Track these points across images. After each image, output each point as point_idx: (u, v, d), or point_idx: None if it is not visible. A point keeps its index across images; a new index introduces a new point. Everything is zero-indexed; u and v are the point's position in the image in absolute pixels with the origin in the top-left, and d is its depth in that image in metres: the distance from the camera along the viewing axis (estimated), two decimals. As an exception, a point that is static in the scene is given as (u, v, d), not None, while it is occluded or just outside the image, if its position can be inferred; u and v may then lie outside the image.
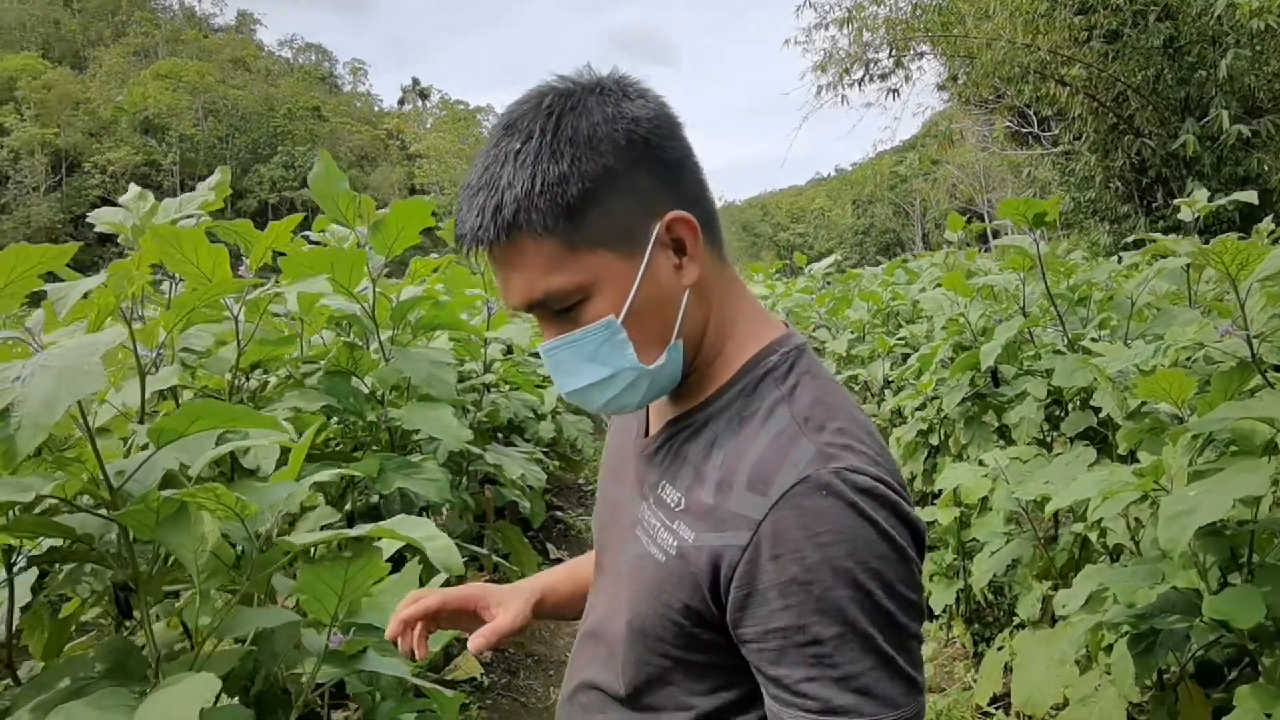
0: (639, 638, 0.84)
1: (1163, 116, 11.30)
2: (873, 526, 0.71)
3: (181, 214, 2.26)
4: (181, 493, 1.09)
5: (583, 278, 0.77)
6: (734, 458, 0.78)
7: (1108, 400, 2.16)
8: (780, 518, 0.72)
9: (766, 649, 0.73)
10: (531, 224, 0.74)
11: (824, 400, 0.80)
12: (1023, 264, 2.68)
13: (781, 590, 0.71)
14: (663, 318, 0.81)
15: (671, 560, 0.80)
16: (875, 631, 0.70)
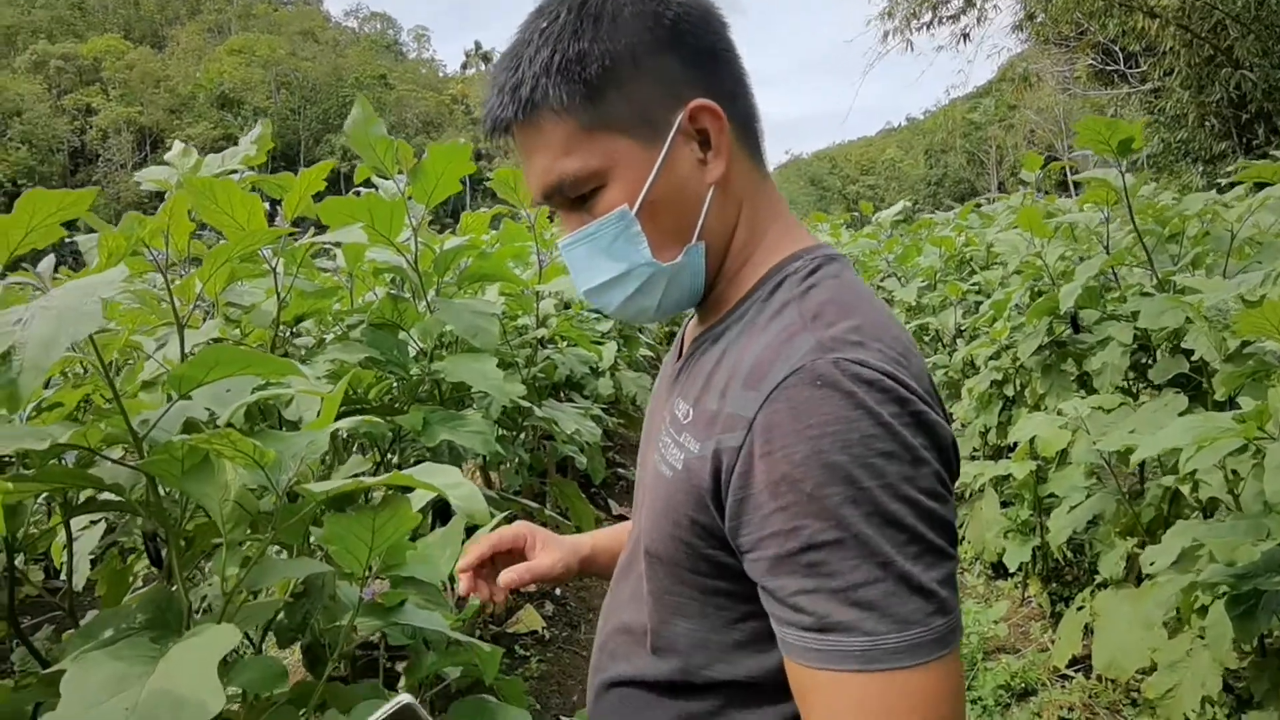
0: (657, 564, 0.78)
1: (1266, 45, 10.51)
2: (872, 418, 0.62)
3: (224, 169, 2.24)
4: (195, 438, 1.05)
5: (599, 162, 0.74)
6: (736, 360, 0.72)
7: (1202, 342, 1.97)
8: (771, 412, 0.65)
9: (762, 558, 0.65)
10: (549, 101, 0.72)
11: (842, 300, 0.72)
12: (1106, 198, 2.47)
13: (772, 490, 0.64)
14: (682, 214, 0.76)
15: (678, 475, 0.74)
16: (879, 536, 0.61)
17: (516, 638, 3.24)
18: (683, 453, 0.74)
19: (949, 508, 0.65)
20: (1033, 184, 3.67)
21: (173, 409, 1.20)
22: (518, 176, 2.90)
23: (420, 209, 2.19)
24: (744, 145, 0.79)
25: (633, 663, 0.83)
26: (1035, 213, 2.74)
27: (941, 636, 0.61)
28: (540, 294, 3.08)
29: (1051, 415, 2.56)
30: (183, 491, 1.18)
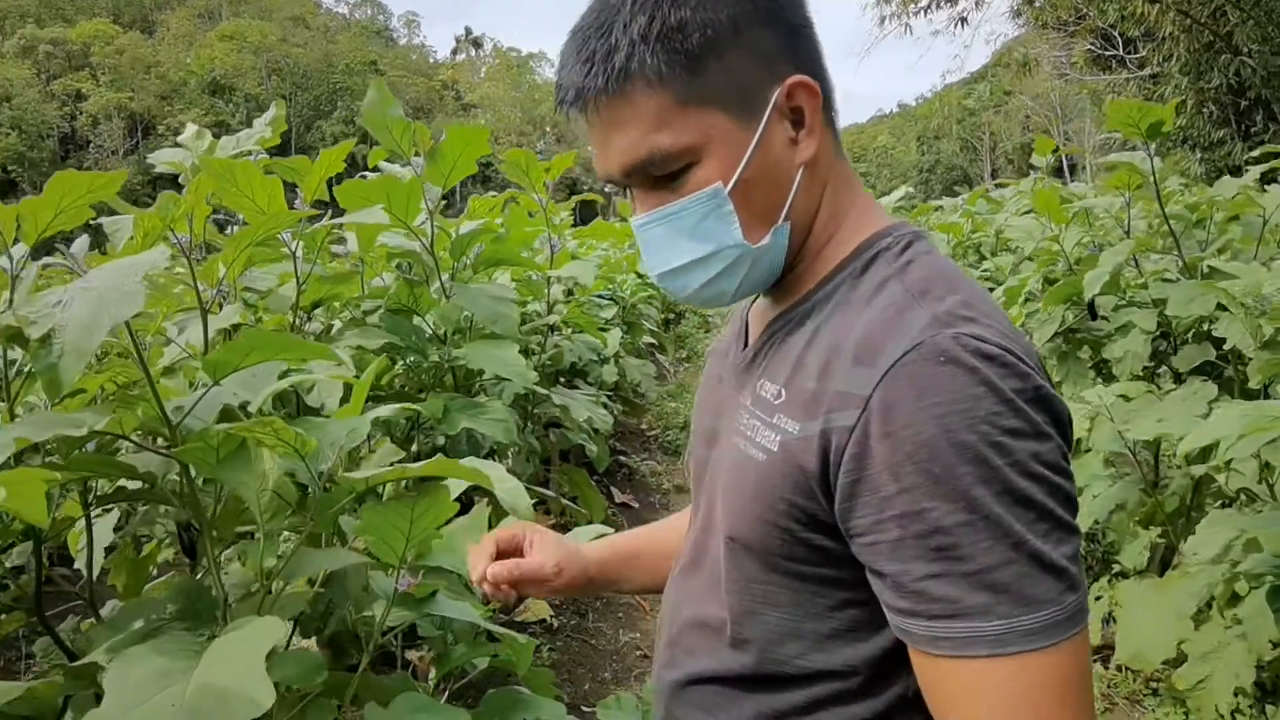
0: (742, 553, 0.75)
1: (1265, 31, 10.49)
2: (996, 394, 0.60)
3: (240, 151, 2.20)
4: (237, 426, 1.01)
5: (693, 138, 0.70)
6: (837, 337, 0.69)
7: (1234, 329, 1.95)
8: (890, 389, 0.62)
9: (882, 542, 0.62)
10: (645, 72, 0.68)
11: (945, 274, 0.70)
12: (1129, 182, 2.45)
13: (894, 471, 0.61)
14: (773, 194, 0.73)
15: (774, 457, 0.71)
16: (1009, 516, 0.58)
17: (525, 627, 3.22)
18: (778, 434, 0.71)
19: (1071, 482, 0.63)
20: (1044, 169, 3.64)
21: (206, 395, 1.16)
22: (528, 159, 2.86)
23: (436, 192, 2.15)
24: (829, 124, 0.76)
25: (714, 657, 0.79)
26: (1052, 197, 2.72)
27: (1072, 615, 0.59)
28: (551, 279, 3.04)
29: (1071, 403, 2.54)
30: (218, 480, 1.15)
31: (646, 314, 5.20)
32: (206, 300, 1.68)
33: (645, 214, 0.74)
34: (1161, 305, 2.26)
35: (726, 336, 0.95)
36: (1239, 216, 2.33)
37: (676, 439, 5.70)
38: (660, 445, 5.71)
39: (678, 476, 5.08)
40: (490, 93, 77.51)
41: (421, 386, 2.38)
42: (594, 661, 3.07)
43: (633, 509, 4.55)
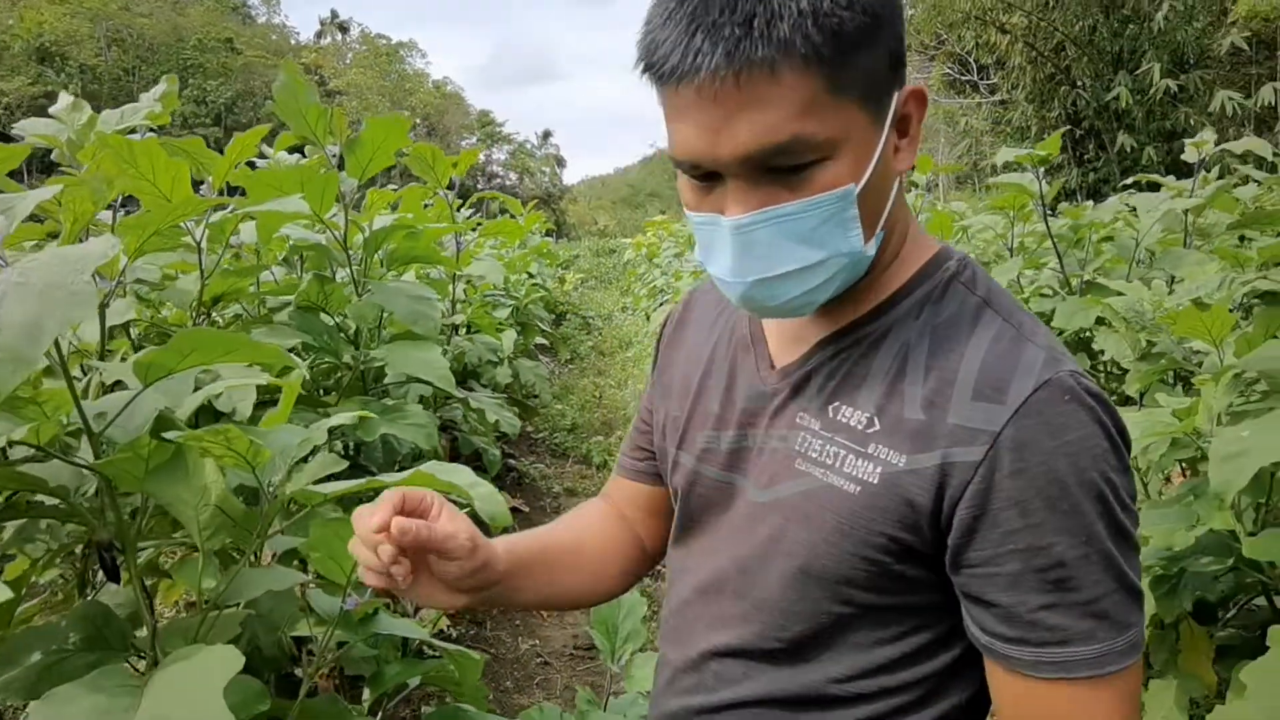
0: (814, 584, 0.72)
1: (1097, 69, 11.50)
2: (1106, 433, 0.65)
3: (124, 126, 2.02)
4: (186, 435, 0.93)
5: (835, 131, 0.63)
6: (943, 366, 0.69)
7: (1113, 342, 2.12)
8: (1023, 426, 0.64)
9: (1000, 574, 0.65)
10: (803, 49, 0.60)
11: (1020, 309, 0.73)
12: (1015, 202, 2.62)
13: (1023, 508, 0.63)
14: (881, 200, 0.69)
15: (871, 489, 0.69)
16: (1116, 549, 0.64)
17: (421, 635, 3.12)
18: (875, 465, 0.69)
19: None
20: (922, 188, 3.84)
21: (130, 400, 1.06)
22: (435, 153, 2.77)
23: (352, 183, 2.05)
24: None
25: (762, 682, 0.77)
26: (946, 217, 2.88)
27: (1142, 632, 0.65)
28: (456, 277, 2.96)
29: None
30: (146, 494, 1.05)
31: (538, 314, 5.15)
32: (105, 294, 1.54)
33: (751, 212, 0.66)
34: (1047, 318, 2.43)
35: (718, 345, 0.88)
36: (1112, 238, 2.54)
37: (565, 441, 5.67)
38: (548, 448, 5.66)
39: (567, 480, 5.06)
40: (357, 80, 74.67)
41: (325, 388, 2.26)
42: (494, 671, 3.00)
43: (523, 513, 4.49)
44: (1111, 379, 2.44)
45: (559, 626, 3.35)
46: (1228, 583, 1.77)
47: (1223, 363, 1.60)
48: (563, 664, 3.11)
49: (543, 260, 6.49)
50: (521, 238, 5.33)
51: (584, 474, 5.20)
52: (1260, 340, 1.52)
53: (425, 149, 2.69)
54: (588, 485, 4.99)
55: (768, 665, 0.77)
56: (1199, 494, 1.59)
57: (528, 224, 6.46)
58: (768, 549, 0.76)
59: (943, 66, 14.61)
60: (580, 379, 7.72)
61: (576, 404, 6.46)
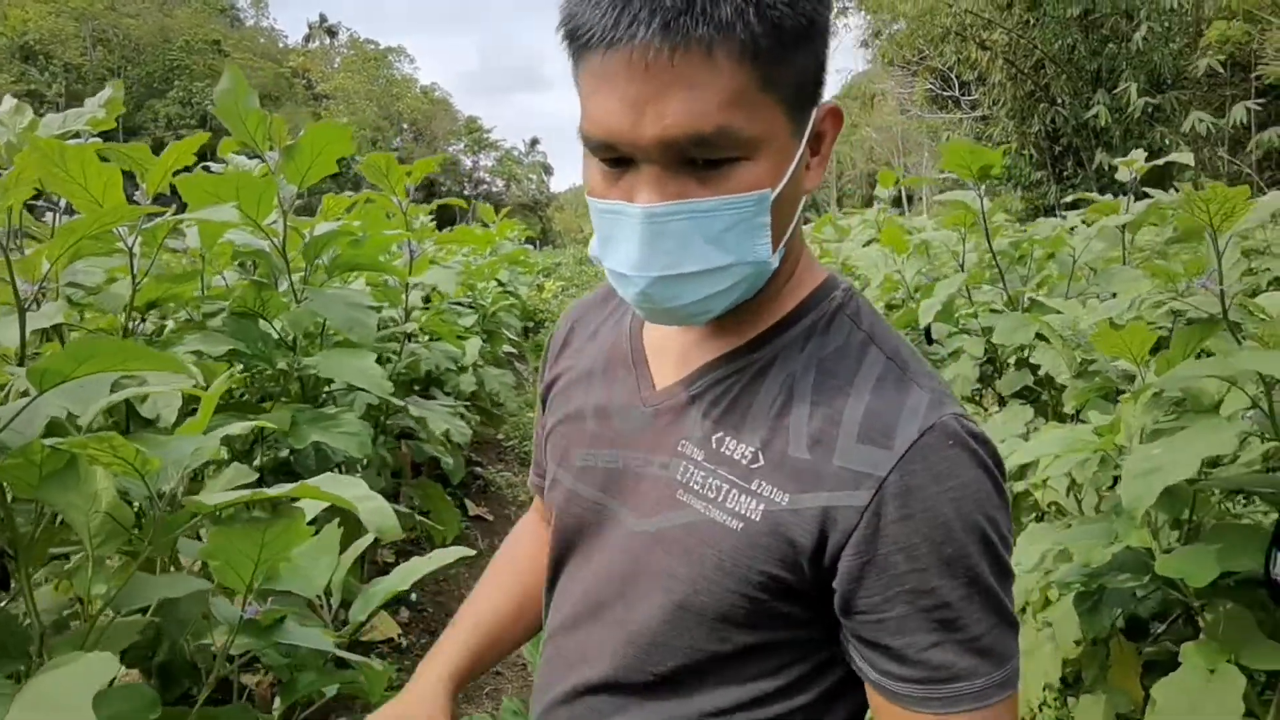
0: (693, 620, 0.71)
1: (1076, 87, 11.63)
2: (989, 475, 0.66)
3: (66, 130, 2.02)
4: (70, 442, 0.93)
5: (759, 130, 0.61)
6: (832, 405, 0.68)
7: (1050, 358, 2.14)
8: (909, 472, 0.64)
9: (889, 618, 0.65)
10: (744, 33, 0.57)
11: (903, 344, 0.73)
12: (964, 220, 2.64)
13: (909, 553, 0.64)
14: (789, 214, 0.67)
15: (754, 527, 0.68)
16: (998, 587, 0.65)
17: (372, 646, 3.10)
18: (759, 502, 0.68)
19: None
20: (886, 201, 3.88)
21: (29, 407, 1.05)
22: (389, 161, 2.77)
23: (291, 190, 2.05)
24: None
25: (634, 715, 0.76)
26: (898, 231, 2.90)
27: (1019, 662, 0.67)
28: (409, 285, 2.96)
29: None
30: (40, 501, 1.05)
31: (507, 322, 5.14)
32: (25, 297, 1.53)
33: (665, 202, 0.62)
34: (989, 333, 2.45)
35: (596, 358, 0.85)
36: (1055, 255, 2.57)
37: (532, 449, 5.66)
38: (517, 456, 5.65)
39: (533, 487, 5.04)
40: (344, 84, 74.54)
41: (265, 395, 2.25)
42: (444, 679, 2.98)
43: (488, 522, 4.48)
44: (1055, 396, 2.46)
45: (512, 636, 3.33)
46: (1157, 599, 1.80)
47: (1144, 381, 1.62)
48: (515, 673, 3.09)
49: (516, 268, 6.49)
50: (488, 246, 5.32)
51: (550, 483, 5.18)
52: (1179, 359, 1.54)
53: (378, 157, 2.69)
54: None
55: (642, 699, 0.75)
56: (1119, 511, 1.60)
57: (500, 231, 6.47)
58: (645, 582, 0.74)
59: (925, 82, 14.75)
60: (554, 387, 7.71)
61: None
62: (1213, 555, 1.40)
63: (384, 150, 2.94)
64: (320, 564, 1.58)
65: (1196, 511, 1.69)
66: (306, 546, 1.59)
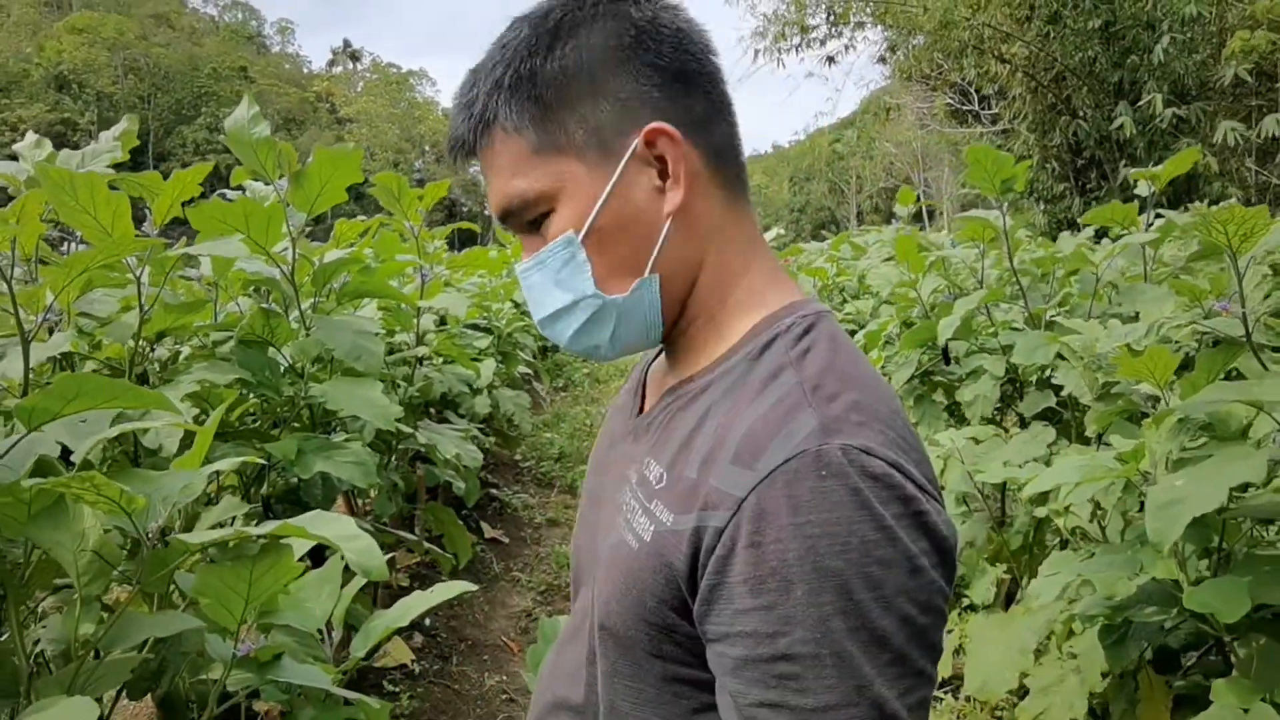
0: (611, 642, 0.71)
1: (1098, 99, 11.51)
2: (874, 521, 0.56)
3: (83, 168, 2.03)
4: (52, 482, 0.91)
5: (546, 185, 0.70)
6: (725, 426, 0.65)
7: (1072, 379, 2.09)
8: (765, 497, 0.58)
9: (727, 655, 0.60)
10: (499, 121, 0.70)
11: (841, 368, 0.66)
12: (983, 235, 2.60)
13: (753, 587, 0.57)
14: (634, 243, 0.71)
15: (645, 547, 0.67)
16: (861, 656, 0.55)
17: (384, 672, 3.07)
18: (653, 523, 0.67)
19: (940, 622, 0.60)
20: (906, 218, 3.84)
21: (19, 443, 1.04)
22: (400, 184, 2.77)
23: (300, 217, 2.04)
24: (715, 177, 0.73)
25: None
26: (912, 245, 2.86)
27: None
28: (421, 309, 2.95)
29: (926, 444, 2.66)
30: (28, 539, 1.03)
31: (523, 343, 5.14)
32: (30, 327, 1.53)
33: (524, 260, 0.74)
34: (1010, 353, 2.40)
35: (625, 393, 0.92)
36: (1077, 271, 2.51)
37: (550, 470, 5.64)
38: (534, 477, 5.63)
39: (551, 510, 5.02)
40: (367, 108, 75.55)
41: (276, 421, 2.24)
42: (458, 708, 2.95)
43: (503, 544, 4.45)
44: (1078, 418, 2.40)
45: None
46: (1188, 629, 1.73)
47: (1169, 405, 1.56)
48: (528, 700, 3.05)
49: (533, 289, 6.48)
50: (503, 268, 5.33)
51: (568, 504, 5.16)
52: (1204, 383, 1.48)
53: (390, 179, 2.69)
54: (571, 515, 4.95)
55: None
56: (1144, 541, 1.55)
57: (516, 252, 6.47)
58: (588, 601, 0.76)
59: (945, 96, 14.67)
60: (573, 406, 7.70)
61: (567, 431, 6.43)
62: (1244, 588, 1.34)
63: (405, 173, 2.94)
64: (322, 596, 1.56)
65: (1226, 539, 1.62)
66: (310, 578, 1.57)
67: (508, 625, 3.66)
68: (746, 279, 0.75)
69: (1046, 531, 2.54)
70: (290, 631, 1.39)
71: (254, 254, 1.96)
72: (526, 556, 4.39)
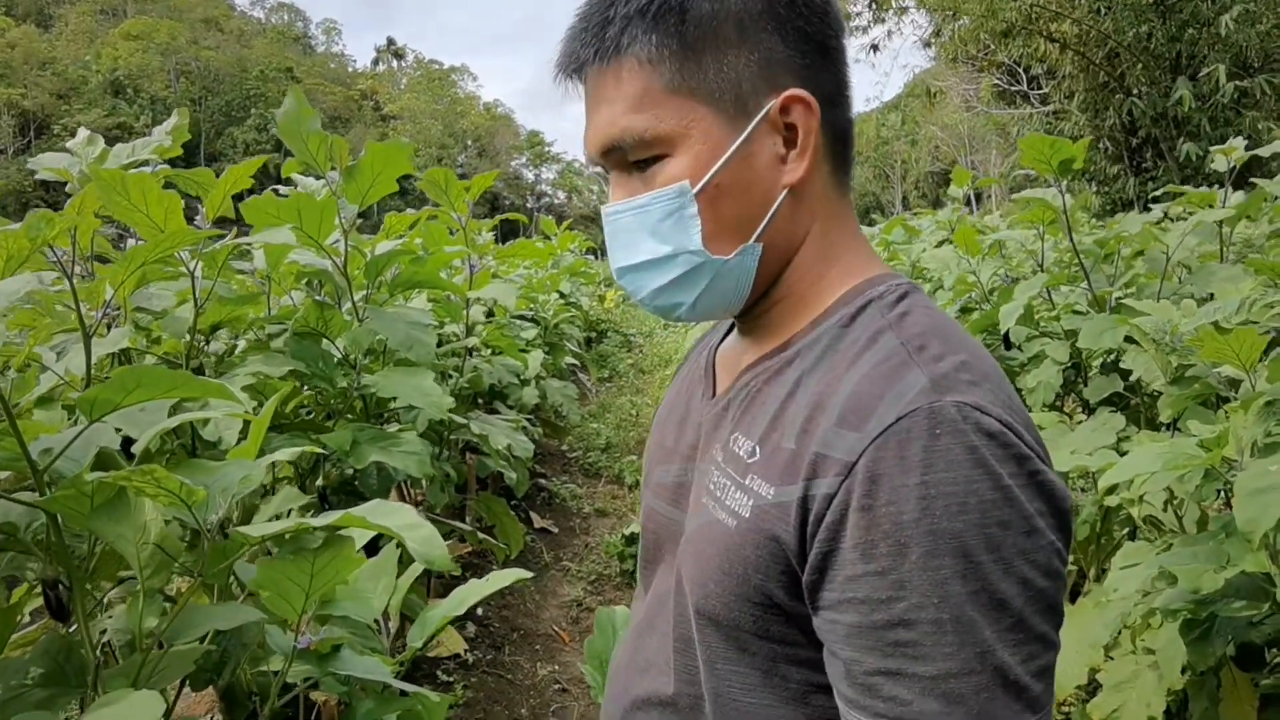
0: (709, 628, 0.67)
1: (1153, 75, 11.14)
2: (992, 480, 0.54)
3: (134, 159, 2.05)
4: (114, 475, 0.91)
5: (671, 127, 0.66)
6: (823, 391, 0.62)
7: (1141, 362, 2.00)
8: (876, 459, 0.55)
9: (840, 622, 0.57)
10: (634, 48, 0.66)
11: (943, 330, 0.63)
12: (1042, 217, 2.51)
13: (865, 551, 0.55)
14: (748, 207, 0.68)
15: (744, 524, 0.64)
16: (983, 620, 0.53)
17: (438, 662, 3.09)
18: (750, 498, 0.64)
19: (1061, 586, 0.57)
20: (959, 200, 3.73)
21: (81, 435, 1.05)
22: (448, 177, 2.77)
23: (352, 209, 2.04)
24: (830, 156, 0.71)
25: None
26: (971, 231, 2.77)
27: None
28: (470, 300, 2.95)
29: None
30: (91, 532, 1.04)
31: (569, 334, 5.13)
32: (90, 322, 1.55)
33: (616, 202, 0.70)
34: (1073, 337, 2.31)
35: (687, 378, 0.88)
36: (1143, 252, 2.41)
37: (598, 461, 5.63)
38: (581, 467, 5.63)
39: (599, 500, 5.01)
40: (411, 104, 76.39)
41: (330, 412, 2.26)
42: (510, 697, 2.96)
43: (552, 534, 4.46)
44: (1147, 403, 2.31)
45: (578, 652, 3.29)
46: (1274, 623, 1.64)
47: (1255, 388, 1.48)
48: (581, 690, 3.05)
49: (577, 279, 6.48)
50: (549, 258, 5.32)
51: (615, 494, 5.15)
52: (1292, 364, 1.40)
53: (438, 173, 2.68)
54: (619, 505, 4.94)
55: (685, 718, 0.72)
56: (1231, 531, 1.47)
57: (562, 243, 6.47)
58: (679, 588, 0.72)
59: (992, 77, 14.32)
60: (618, 397, 7.69)
61: (613, 422, 6.43)
62: (1341, 580, 1.26)
63: (448, 167, 2.94)
64: (379, 586, 1.56)
65: (1316, 529, 1.54)
66: (366, 569, 1.57)
67: (559, 615, 3.66)
68: (844, 260, 0.72)
69: (1114, 521, 2.45)
70: (348, 622, 1.38)
71: (306, 246, 1.97)
72: (576, 546, 4.39)
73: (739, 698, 0.67)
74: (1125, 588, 1.43)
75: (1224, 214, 2.02)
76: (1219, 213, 2.02)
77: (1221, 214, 2.02)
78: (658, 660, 0.75)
